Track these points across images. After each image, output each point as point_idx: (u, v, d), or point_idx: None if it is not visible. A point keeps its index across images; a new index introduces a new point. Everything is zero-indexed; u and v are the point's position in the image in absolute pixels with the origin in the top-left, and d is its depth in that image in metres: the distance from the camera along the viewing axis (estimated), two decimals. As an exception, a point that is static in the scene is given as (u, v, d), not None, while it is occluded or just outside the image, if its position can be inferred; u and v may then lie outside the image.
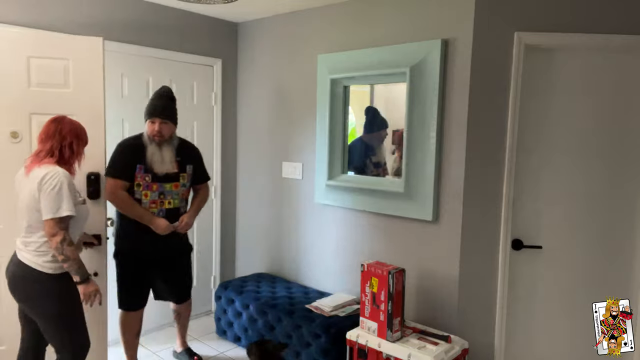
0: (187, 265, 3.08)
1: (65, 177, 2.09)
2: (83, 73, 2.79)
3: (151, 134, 2.74)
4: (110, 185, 2.67)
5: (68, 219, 2.09)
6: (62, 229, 2.06)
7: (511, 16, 2.57)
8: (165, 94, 2.82)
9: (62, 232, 2.05)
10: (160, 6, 3.39)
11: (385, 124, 3.14)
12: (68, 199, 2.06)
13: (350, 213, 3.22)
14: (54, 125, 2.18)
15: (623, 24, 2.51)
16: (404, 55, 2.81)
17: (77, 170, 2.27)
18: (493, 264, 2.70)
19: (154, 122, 2.73)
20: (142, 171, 2.73)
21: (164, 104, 2.77)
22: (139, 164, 2.72)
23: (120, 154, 2.75)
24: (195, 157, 2.98)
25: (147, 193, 2.75)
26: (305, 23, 3.42)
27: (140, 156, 2.73)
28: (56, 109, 2.70)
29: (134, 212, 2.71)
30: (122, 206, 2.72)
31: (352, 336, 2.61)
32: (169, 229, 2.75)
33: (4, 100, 2.62)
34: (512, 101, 2.60)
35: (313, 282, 3.49)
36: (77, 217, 2.15)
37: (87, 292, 2.17)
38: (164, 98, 2.80)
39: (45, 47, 2.71)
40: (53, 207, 2.04)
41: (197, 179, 2.99)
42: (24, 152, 2.65)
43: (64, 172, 2.10)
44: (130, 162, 2.71)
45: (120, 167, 2.70)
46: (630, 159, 2.61)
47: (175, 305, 3.11)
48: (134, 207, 2.71)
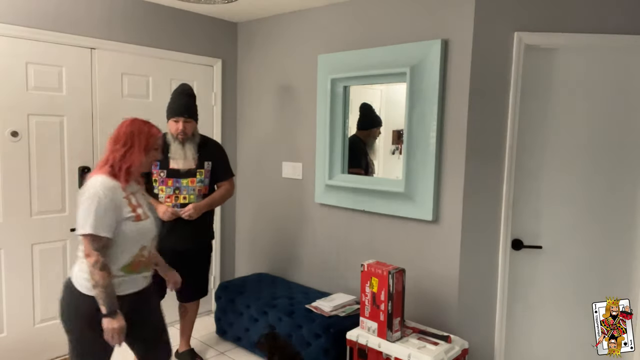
0: (201, 264, 3.04)
1: (106, 191, 1.88)
2: (75, 78, 3.07)
3: (175, 132, 2.78)
4: None
5: (103, 240, 1.87)
6: (95, 250, 1.86)
7: (511, 16, 2.57)
8: (186, 92, 2.83)
9: (95, 254, 1.85)
10: (160, 6, 3.40)
11: (379, 121, 3.15)
12: (98, 216, 1.84)
13: (350, 213, 3.22)
14: (116, 130, 2.02)
15: (623, 24, 2.51)
16: (404, 55, 2.81)
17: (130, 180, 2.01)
18: (493, 264, 2.71)
19: (177, 121, 2.77)
20: (157, 167, 2.79)
21: (187, 103, 2.80)
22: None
23: None
24: (216, 154, 2.99)
25: (162, 188, 2.82)
26: (305, 23, 3.42)
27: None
28: (51, 110, 2.98)
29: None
30: None
31: (352, 336, 2.61)
32: (167, 213, 2.75)
33: (5, 101, 2.78)
34: (512, 101, 2.60)
35: (313, 282, 3.49)
36: (124, 236, 1.93)
37: (109, 328, 1.88)
38: (186, 96, 2.81)
39: (42, 55, 2.93)
40: (80, 222, 1.86)
41: (219, 175, 2.99)
42: (23, 151, 2.84)
43: (105, 185, 1.89)
44: None
45: None
46: (631, 159, 2.61)
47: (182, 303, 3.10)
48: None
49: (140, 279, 2.07)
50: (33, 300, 3.00)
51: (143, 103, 3.40)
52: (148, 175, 2.78)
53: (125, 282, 1.99)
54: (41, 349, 3.04)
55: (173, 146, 2.79)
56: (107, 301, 1.87)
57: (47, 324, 3.06)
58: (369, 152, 3.25)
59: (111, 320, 1.88)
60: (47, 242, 3.03)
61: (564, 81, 2.62)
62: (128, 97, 3.32)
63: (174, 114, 2.77)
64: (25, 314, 2.97)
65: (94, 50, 3.13)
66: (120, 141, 1.97)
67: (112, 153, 1.96)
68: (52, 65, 2.95)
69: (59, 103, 3.00)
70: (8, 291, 2.89)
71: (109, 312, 1.88)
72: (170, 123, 2.79)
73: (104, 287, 1.86)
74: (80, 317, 1.94)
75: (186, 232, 2.86)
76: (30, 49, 2.85)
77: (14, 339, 2.93)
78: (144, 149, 2.00)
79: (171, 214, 2.76)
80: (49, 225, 3.02)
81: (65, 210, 3.08)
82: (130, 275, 2.01)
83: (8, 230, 2.86)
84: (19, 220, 2.90)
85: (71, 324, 1.97)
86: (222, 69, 3.84)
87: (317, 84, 3.31)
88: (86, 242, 1.87)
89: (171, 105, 2.81)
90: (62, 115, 3.02)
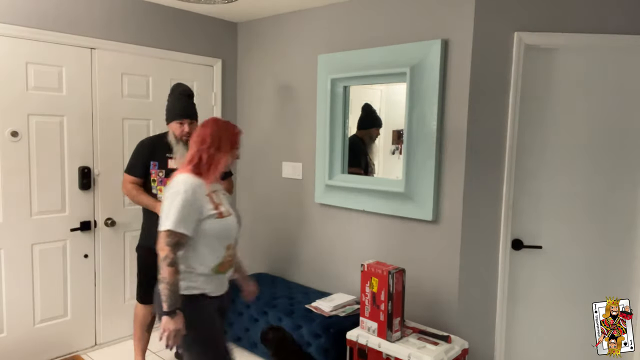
0: None
1: (189, 188, 1.90)
2: (75, 78, 3.07)
3: (180, 135, 2.77)
4: (123, 179, 2.85)
5: (178, 236, 1.87)
6: (167, 245, 1.86)
7: (511, 16, 2.57)
8: (187, 92, 2.83)
9: (167, 249, 1.86)
10: (160, 6, 3.39)
11: (379, 122, 3.15)
12: (179, 213, 1.86)
13: (350, 213, 3.22)
14: (200, 129, 2.04)
15: (623, 24, 2.51)
16: (404, 55, 2.81)
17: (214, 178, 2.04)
18: (493, 264, 2.71)
19: (182, 123, 2.77)
20: (156, 167, 2.81)
21: (189, 104, 2.81)
22: (152, 160, 2.80)
23: (135, 152, 2.85)
24: None
25: (161, 188, 2.83)
26: (305, 23, 3.42)
27: (155, 153, 2.81)
28: (51, 110, 2.98)
29: (139, 200, 2.79)
30: (129, 196, 2.84)
31: (352, 336, 2.61)
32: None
33: (5, 101, 2.78)
34: (512, 101, 2.60)
35: (313, 282, 3.49)
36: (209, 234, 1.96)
37: (167, 327, 1.85)
38: (187, 97, 2.82)
39: (42, 55, 2.93)
40: (162, 218, 1.89)
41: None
42: (23, 151, 2.84)
43: (189, 183, 1.92)
44: (142, 159, 2.80)
45: (131, 164, 2.83)
46: (630, 159, 2.62)
47: None
48: (139, 196, 2.78)
49: (226, 280, 2.11)
50: (33, 300, 3.00)
51: (143, 103, 3.40)
52: (146, 175, 2.80)
53: (217, 283, 2.02)
54: (41, 349, 3.04)
55: (176, 147, 2.79)
56: (170, 298, 1.85)
57: (47, 324, 3.06)
58: (369, 152, 3.25)
59: (170, 319, 1.85)
60: (47, 242, 3.03)
61: (564, 81, 2.62)
62: (128, 97, 3.32)
63: (179, 116, 2.76)
64: (25, 314, 2.97)
65: (94, 50, 3.13)
66: (206, 142, 2.00)
67: (198, 152, 1.99)
68: (52, 65, 2.95)
69: (59, 103, 3.00)
70: (8, 291, 2.90)
71: (170, 310, 1.85)
72: (173, 125, 2.78)
73: (170, 284, 1.85)
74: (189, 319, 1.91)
75: None
76: (30, 49, 2.85)
77: (14, 339, 2.93)
78: (230, 148, 2.05)
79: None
80: (49, 225, 3.02)
81: (65, 210, 3.08)
82: (219, 275, 2.04)
83: (8, 230, 2.86)
84: (19, 220, 2.90)
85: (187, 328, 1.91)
86: (222, 69, 3.84)
87: (317, 84, 3.31)
88: (162, 236, 1.88)
89: (174, 107, 2.79)
90: (62, 115, 3.02)
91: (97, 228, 3.23)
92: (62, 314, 3.13)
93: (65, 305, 3.14)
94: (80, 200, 3.14)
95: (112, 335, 3.38)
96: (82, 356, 3.19)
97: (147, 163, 2.80)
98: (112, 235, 3.32)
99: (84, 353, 3.22)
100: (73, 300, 3.17)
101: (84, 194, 3.15)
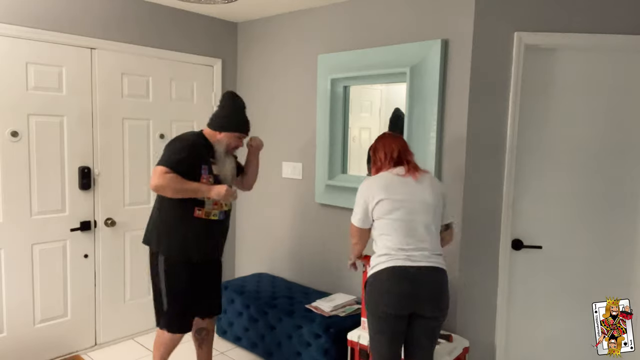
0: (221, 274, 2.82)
1: (364, 186, 2.27)
2: (75, 78, 3.07)
3: (233, 147, 2.66)
4: (158, 172, 2.40)
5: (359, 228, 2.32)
6: (353, 235, 2.41)
7: (511, 16, 2.57)
8: (244, 105, 2.70)
9: (354, 237, 2.40)
10: (160, 6, 3.39)
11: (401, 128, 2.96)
12: (358, 209, 2.29)
13: (350, 213, 3.20)
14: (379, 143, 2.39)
15: (623, 24, 2.51)
16: (404, 55, 2.81)
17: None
18: (493, 264, 2.71)
19: (240, 137, 2.66)
20: (206, 172, 2.54)
21: (247, 119, 2.71)
22: (203, 164, 2.53)
23: (181, 148, 2.50)
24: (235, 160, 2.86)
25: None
26: (305, 23, 3.42)
27: (203, 155, 2.55)
28: (51, 110, 2.98)
29: (187, 187, 2.43)
30: (169, 187, 2.39)
31: (353, 337, 2.61)
32: (229, 193, 2.47)
33: (5, 101, 2.78)
34: (512, 101, 2.60)
35: (313, 282, 3.49)
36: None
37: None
38: (244, 110, 2.70)
39: (42, 55, 2.93)
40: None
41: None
42: (23, 151, 2.84)
43: (365, 182, 2.28)
44: (191, 159, 2.49)
45: (176, 159, 2.45)
46: (630, 158, 2.62)
47: (204, 320, 2.75)
48: (185, 182, 2.42)
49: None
50: (33, 300, 3.00)
51: (143, 103, 3.40)
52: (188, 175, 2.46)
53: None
54: (41, 349, 3.05)
55: (220, 154, 2.61)
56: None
57: (47, 324, 3.06)
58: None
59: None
60: (47, 242, 3.03)
61: (564, 81, 2.62)
62: (128, 97, 3.32)
63: (239, 130, 2.65)
64: (25, 314, 2.97)
65: (94, 50, 3.12)
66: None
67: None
68: (52, 65, 2.95)
69: (59, 103, 3.00)
70: (8, 291, 2.90)
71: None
72: (229, 135, 2.60)
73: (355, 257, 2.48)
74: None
75: (218, 241, 2.70)
76: (30, 49, 2.85)
77: (14, 339, 2.93)
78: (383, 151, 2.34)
79: (234, 192, 2.51)
80: (48, 225, 3.02)
81: (65, 210, 3.08)
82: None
83: (8, 230, 2.86)
84: (19, 220, 2.90)
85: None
86: (222, 69, 3.84)
87: (317, 83, 3.31)
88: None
89: (236, 119, 2.65)
90: (62, 115, 3.02)
91: (97, 228, 3.24)
92: (62, 314, 3.14)
93: (65, 305, 3.14)
94: (80, 200, 3.14)
95: (112, 335, 3.38)
96: (82, 356, 3.19)
97: (197, 164, 2.50)
98: (112, 235, 3.32)
99: (84, 353, 3.22)
100: (73, 300, 3.17)
101: (84, 194, 3.15)
